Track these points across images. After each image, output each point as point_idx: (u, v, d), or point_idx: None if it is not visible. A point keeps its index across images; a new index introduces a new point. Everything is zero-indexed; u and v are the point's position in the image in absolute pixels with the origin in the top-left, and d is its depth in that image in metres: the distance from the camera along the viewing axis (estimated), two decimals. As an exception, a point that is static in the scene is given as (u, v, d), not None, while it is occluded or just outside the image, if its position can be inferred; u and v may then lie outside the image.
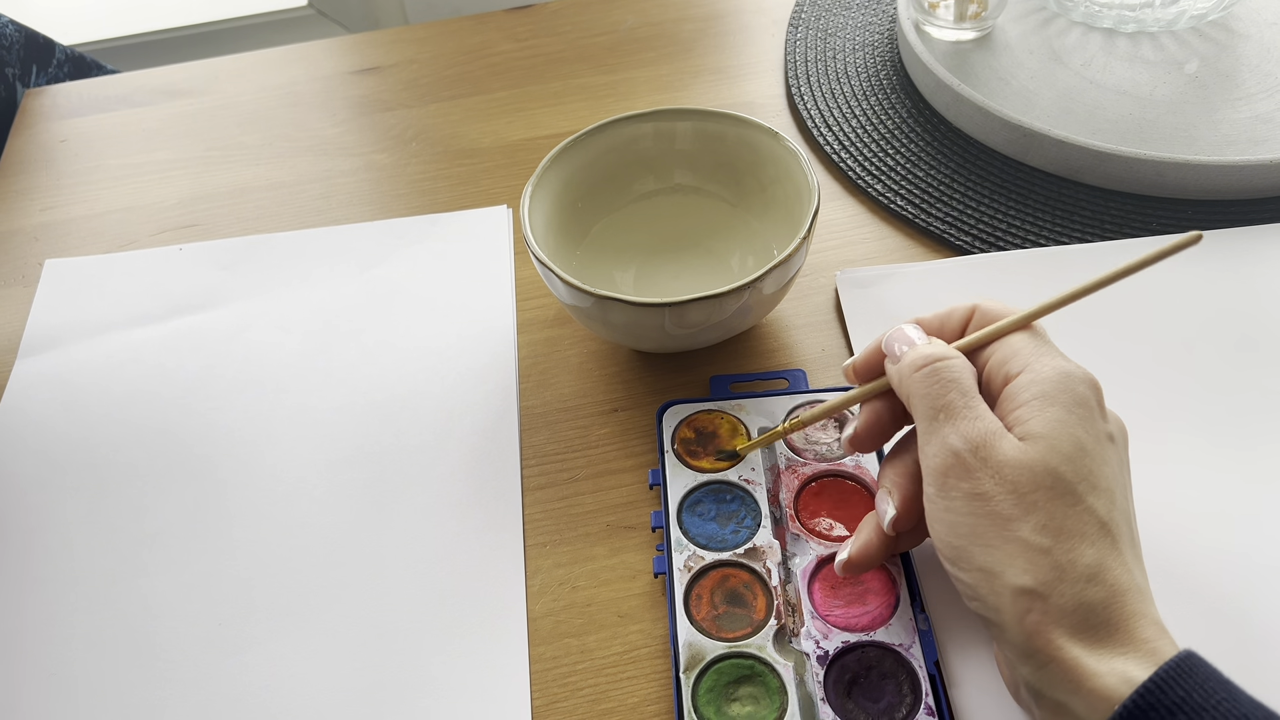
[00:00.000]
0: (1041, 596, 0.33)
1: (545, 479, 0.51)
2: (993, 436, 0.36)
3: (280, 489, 0.52)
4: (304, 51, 0.79)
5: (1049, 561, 0.34)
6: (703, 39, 0.76)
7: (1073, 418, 0.36)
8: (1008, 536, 0.34)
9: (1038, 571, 0.34)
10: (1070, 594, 0.33)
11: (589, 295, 0.48)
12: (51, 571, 0.50)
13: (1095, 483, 0.35)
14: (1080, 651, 0.33)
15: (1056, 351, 0.39)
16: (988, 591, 0.35)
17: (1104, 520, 0.35)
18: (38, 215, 0.69)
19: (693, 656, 0.43)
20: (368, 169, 0.69)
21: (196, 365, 0.58)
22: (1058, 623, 0.33)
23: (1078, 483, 0.35)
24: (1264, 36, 0.67)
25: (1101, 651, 0.33)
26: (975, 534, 0.35)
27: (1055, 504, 0.34)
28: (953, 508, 0.36)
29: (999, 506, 0.35)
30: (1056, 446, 0.35)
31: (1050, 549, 0.34)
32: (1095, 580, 0.34)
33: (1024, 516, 0.34)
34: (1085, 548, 0.34)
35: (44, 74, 0.83)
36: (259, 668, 0.46)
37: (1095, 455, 0.36)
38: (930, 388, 0.38)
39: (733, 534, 0.47)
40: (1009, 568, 0.34)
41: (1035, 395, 0.37)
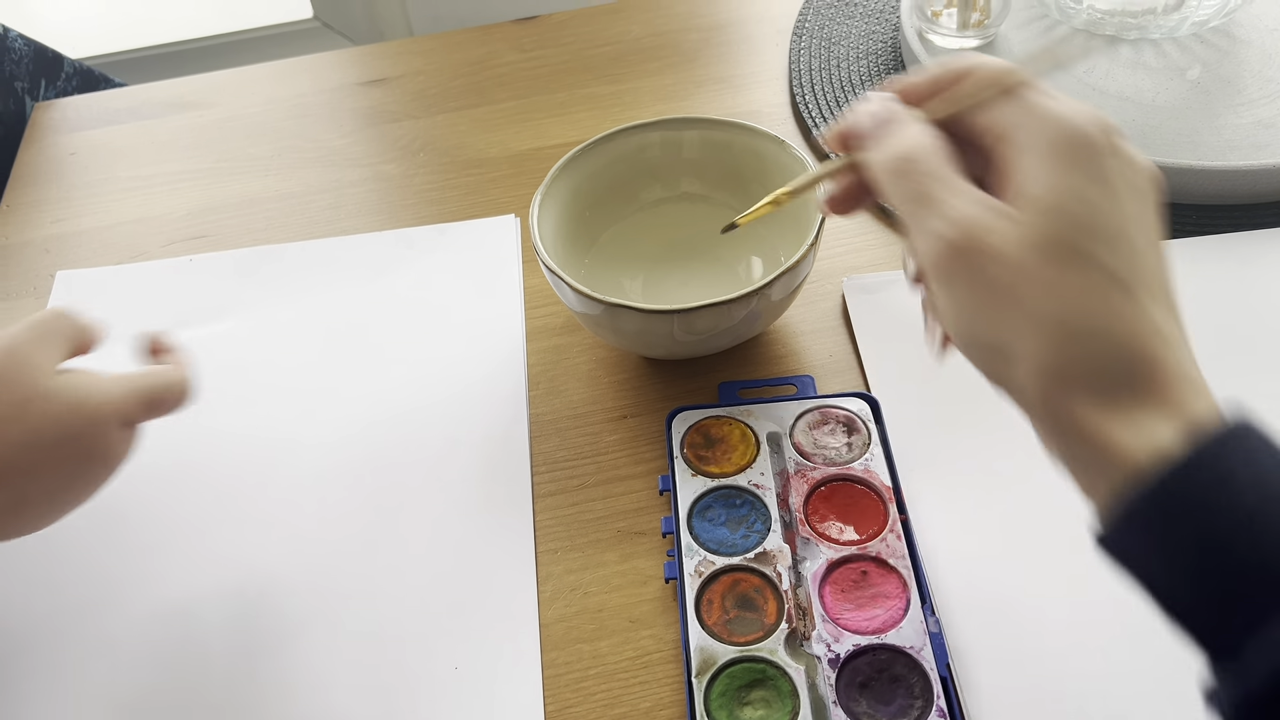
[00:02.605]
0: (1059, 369, 0.31)
1: (556, 485, 0.52)
2: (984, 216, 0.33)
3: (292, 497, 0.53)
4: (311, 63, 0.80)
5: (1062, 332, 0.31)
6: (707, 49, 0.76)
7: (1075, 172, 0.32)
8: (1016, 315, 0.32)
9: (1054, 344, 0.31)
10: (1088, 359, 0.31)
11: (598, 303, 0.49)
12: (64, 579, 0.51)
13: (1105, 236, 0.32)
14: (1109, 420, 0.30)
15: (1052, 95, 0.34)
16: (1006, 373, 0.33)
17: (1116, 273, 0.31)
18: (49, 227, 0.69)
19: (705, 661, 0.43)
20: (376, 179, 0.69)
21: (207, 375, 0.58)
22: (1080, 391, 0.31)
23: (1084, 242, 0.32)
24: (1265, 43, 0.67)
25: (1134, 416, 0.30)
26: (983, 318, 0.33)
27: (1060, 270, 0.31)
28: (956, 296, 0.33)
29: (1002, 287, 0.32)
30: (1056, 208, 0.32)
31: (1061, 319, 0.31)
32: (1111, 337, 0.31)
33: (1029, 292, 0.32)
34: (1098, 306, 0.31)
35: (53, 87, 0.84)
36: (272, 674, 0.46)
37: (1103, 207, 0.32)
38: (904, 184, 0.35)
39: (743, 539, 0.47)
40: (1023, 347, 0.32)
41: (1030, 153, 0.33)
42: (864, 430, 0.51)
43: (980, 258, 0.32)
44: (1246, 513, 0.28)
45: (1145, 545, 0.30)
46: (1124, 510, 0.30)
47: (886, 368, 0.54)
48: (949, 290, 0.33)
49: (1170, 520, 0.29)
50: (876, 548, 0.46)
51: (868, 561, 0.46)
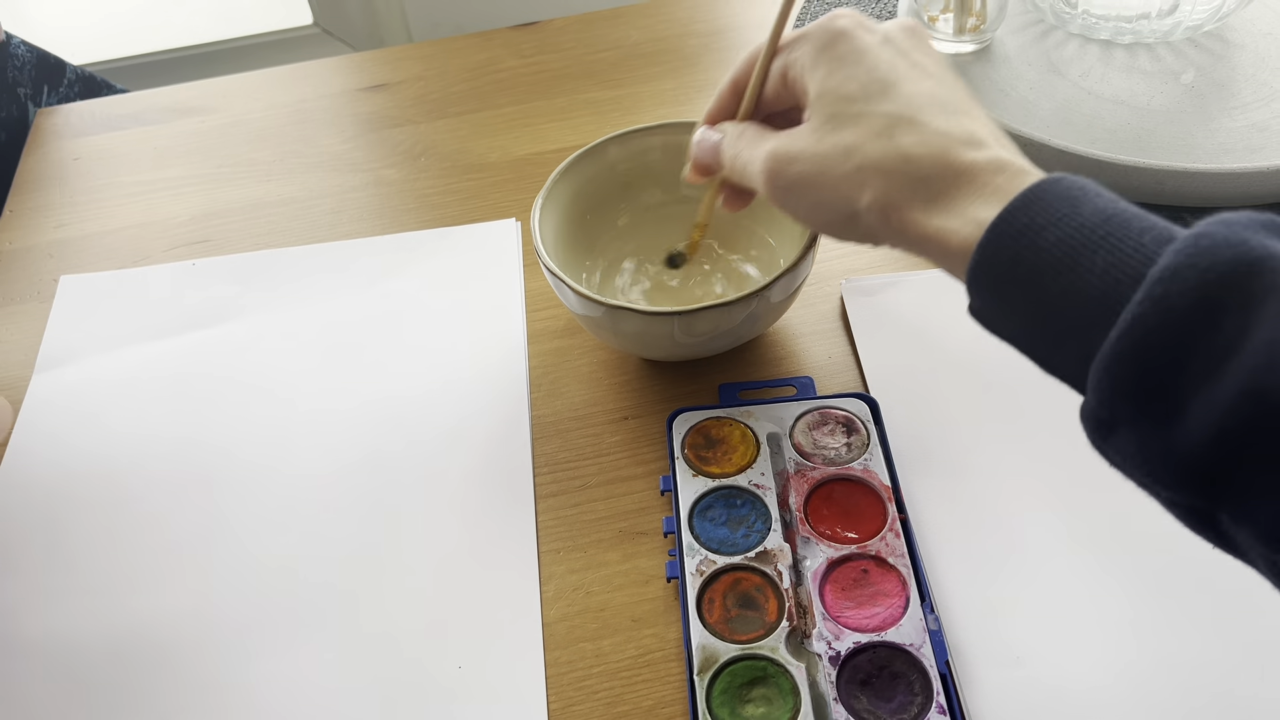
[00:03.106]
0: (886, 199, 0.36)
1: (558, 486, 0.52)
2: (779, 141, 0.40)
3: (295, 499, 0.53)
4: (312, 69, 0.80)
5: (871, 172, 0.36)
6: (707, 53, 0.77)
7: (828, 57, 0.39)
8: (832, 182, 0.38)
9: (871, 185, 0.37)
10: (904, 181, 0.36)
11: (600, 305, 0.49)
12: (70, 581, 0.51)
13: (871, 93, 0.38)
14: (940, 220, 0.35)
15: (808, 27, 0.41)
16: (860, 228, 0.38)
17: (894, 113, 0.37)
18: (52, 232, 0.69)
19: (706, 659, 0.44)
20: (377, 184, 0.70)
21: (211, 378, 0.59)
22: (910, 207, 0.36)
23: (851, 105, 0.38)
24: (1259, 46, 0.68)
25: (956, 209, 0.35)
26: (817, 205, 0.39)
27: (843, 133, 0.37)
28: (798, 205, 0.40)
29: (811, 173, 0.38)
30: (821, 94, 0.39)
31: (863, 164, 0.37)
32: (911, 159, 0.36)
33: (829, 164, 0.38)
34: (887, 142, 0.36)
35: (55, 94, 0.85)
36: (276, 676, 0.47)
37: (859, 72, 0.38)
38: (735, 165, 0.43)
39: (744, 538, 0.48)
40: (854, 200, 0.37)
41: (803, 71, 0.40)
42: (863, 430, 0.51)
43: (787, 166, 0.39)
44: (1051, 254, 0.31)
45: (994, 310, 0.34)
46: (969, 283, 0.34)
47: (885, 369, 0.54)
48: (789, 205, 0.40)
49: (1000, 281, 0.33)
50: (876, 546, 0.47)
51: (867, 560, 0.46)
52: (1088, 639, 0.44)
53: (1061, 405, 0.52)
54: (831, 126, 0.38)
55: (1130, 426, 0.30)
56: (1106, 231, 0.31)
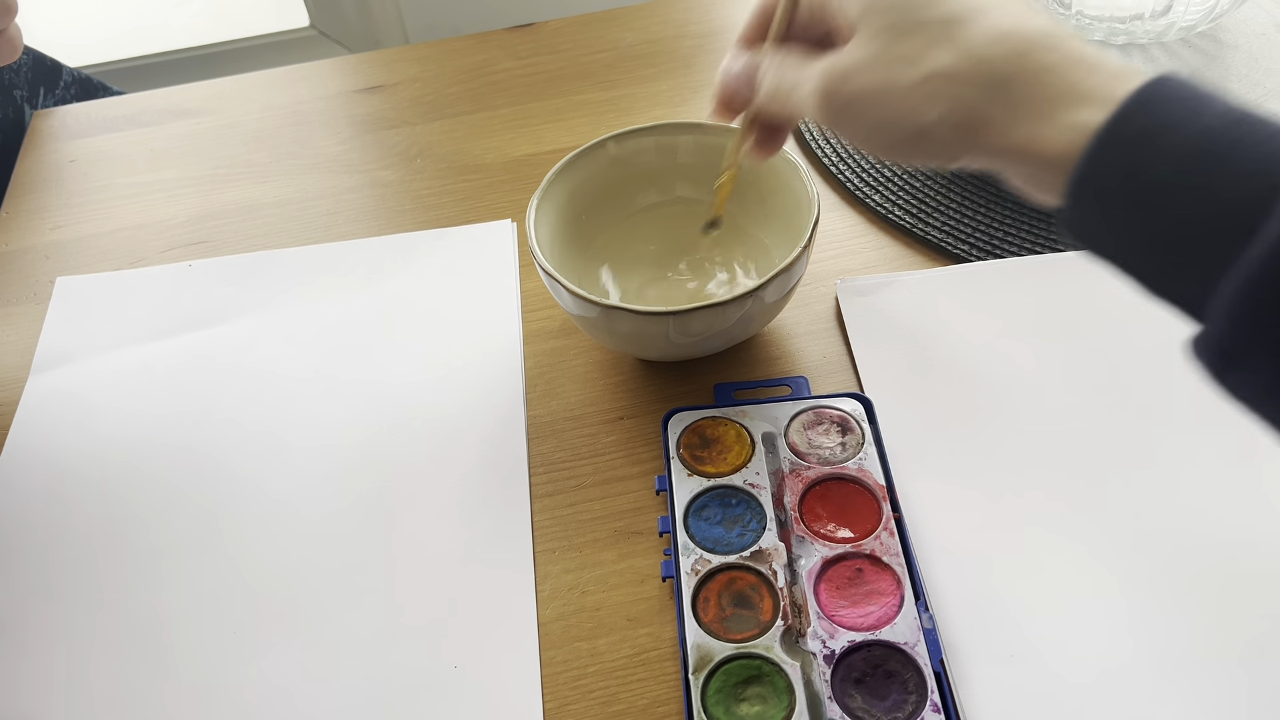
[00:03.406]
0: (962, 112, 0.33)
1: (553, 486, 0.52)
2: (829, 60, 0.37)
3: (291, 500, 0.53)
4: (308, 71, 0.80)
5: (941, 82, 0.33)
6: (701, 55, 0.77)
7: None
8: (898, 97, 0.35)
9: (943, 96, 0.34)
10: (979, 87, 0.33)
11: (595, 305, 0.49)
12: (66, 583, 0.51)
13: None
14: (1028, 128, 0.32)
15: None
16: (937, 149, 0.35)
17: (956, 15, 0.34)
18: (48, 234, 0.70)
19: (701, 658, 0.44)
20: (373, 185, 0.70)
21: (207, 379, 0.59)
22: (991, 117, 0.33)
23: (911, 12, 0.34)
24: (1252, 47, 0.68)
25: (1047, 114, 0.32)
26: (882, 124, 0.36)
27: (908, 40, 0.34)
28: (856, 125, 0.36)
29: (872, 89, 0.35)
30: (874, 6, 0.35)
31: (933, 73, 0.34)
32: (988, 59, 0.33)
33: (893, 77, 0.34)
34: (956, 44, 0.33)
35: (52, 95, 0.85)
36: (272, 676, 0.47)
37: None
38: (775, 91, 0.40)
39: (739, 537, 0.48)
40: (925, 115, 0.34)
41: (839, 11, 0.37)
42: (858, 430, 0.51)
43: (843, 83, 0.36)
44: (1173, 163, 0.28)
45: (1096, 223, 0.31)
46: (1071, 195, 0.31)
47: (879, 368, 0.55)
48: (848, 127, 0.37)
49: (1109, 192, 0.30)
50: (870, 545, 0.47)
51: (862, 559, 0.46)
52: (1082, 637, 0.44)
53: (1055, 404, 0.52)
54: (890, 36, 0.34)
55: (1264, 358, 0.27)
56: (1237, 136, 0.28)
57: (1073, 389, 0.52)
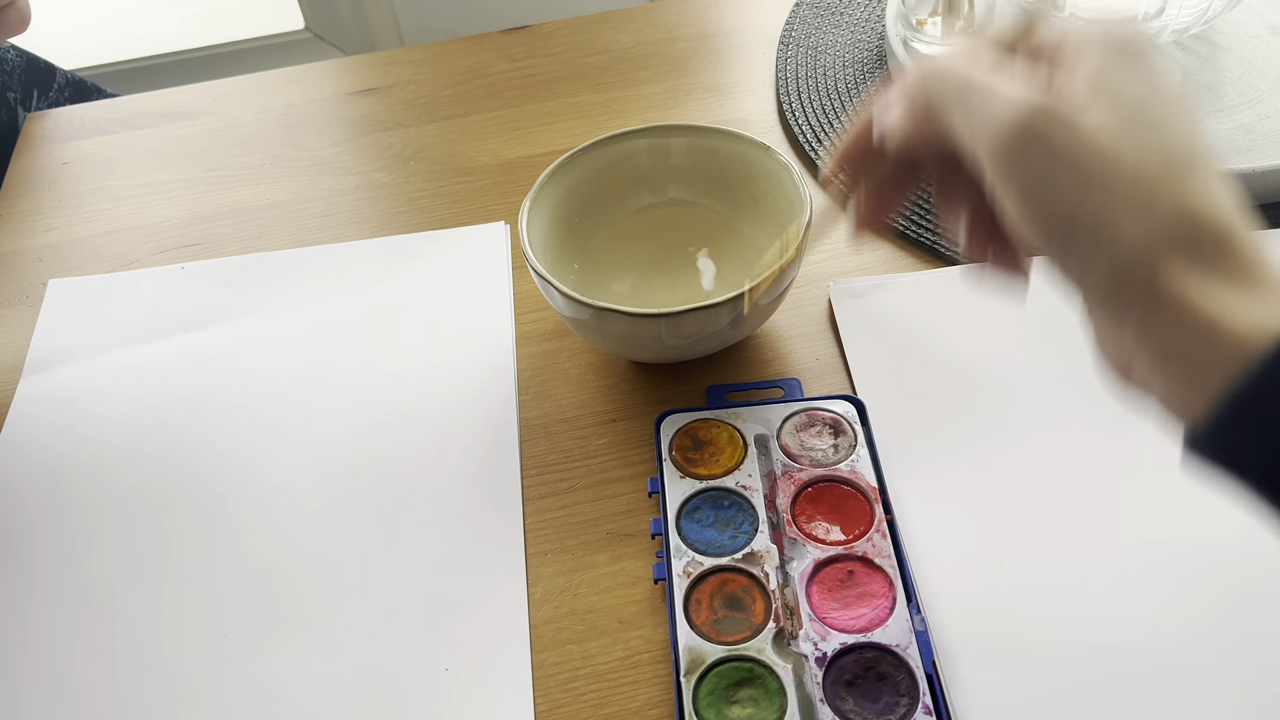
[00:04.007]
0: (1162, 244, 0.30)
1: (545, 488, 0.52)
2: (1048, 99, 0.31)
3: (283, 502, 0.53)
4: (302, 73, 0.80)
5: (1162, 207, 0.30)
6: (695, 57, 0.77)
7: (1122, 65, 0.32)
8: (1109, 189, 0.30)
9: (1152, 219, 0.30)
10: (1190, 235, 0.30)
11: (587, 307, 0.49)
12: (57, 586, 0.51)
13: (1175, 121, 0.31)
14: (1215, 297, 0.29)
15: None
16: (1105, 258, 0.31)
17: (1182, 153, 0.31)
18: (41, 236, 0.69)
19: (693, 660, 0.44)
20: (367, 188, 0.70)
21: (199, 382, 0.59)
22: (1187, 267, 0.30)
23: (1159, 123, 0.31)
24: (1244, 49, 0.68)
25: (1235, 293, 0.29)
26: (1069, 201, 0.31)
27: (1146, 146, 0.31)
28: (1036, 181, 0.31)
29: (1087, 162, 0.30)
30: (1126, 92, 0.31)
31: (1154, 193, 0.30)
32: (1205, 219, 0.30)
33: (1118, 166, 0.30)
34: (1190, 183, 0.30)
35: (45, 98, 0.85)
36: (263, 679, 0.47)
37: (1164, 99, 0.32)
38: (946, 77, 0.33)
39: (731, 539, 0.48)
40: (1125, 224, 0.30)
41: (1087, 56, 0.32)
42: (850, 432, 0.51)
43: (1056, 130, 0.31)
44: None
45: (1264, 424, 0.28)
46: (1237, 392, 0.28)
47: (872, 371, 0.55)
48: (1022, 173, 0.31)
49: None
50: (863, 547, 0.47)
51: (854, 561, 0.46)
52: (1074, 638, 0.44)
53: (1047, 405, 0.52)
54: (1129, 130, 0.30)
55: None
56: None
57: (1065, 391, 0.52)
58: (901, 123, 0.35)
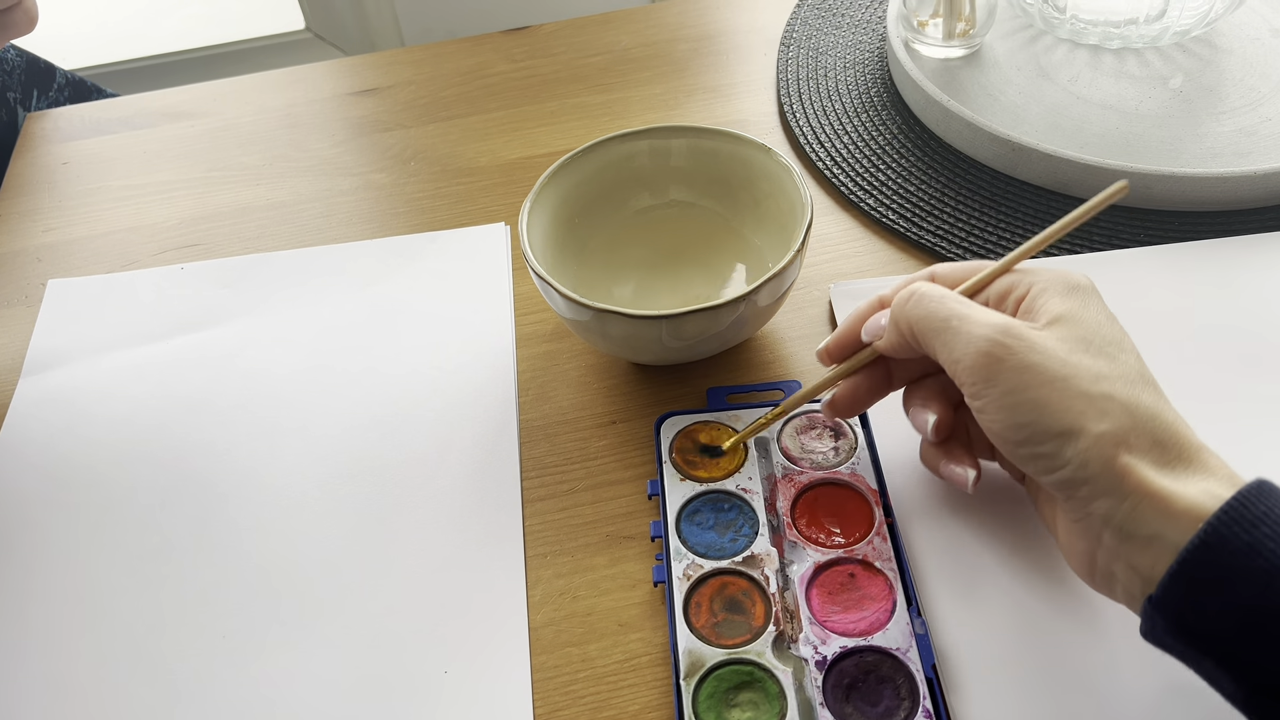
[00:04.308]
0: (1122, 438, 0.35)
1: (545, 490, 0.52)
2: (1016, 323, 0.38)
3: (282, 503, 0.53)
4: (303, 73, 0.80)
5: (1118, 406, 0.36)
6: (696, 58, 0.77)
7: (1084, 299, 0.39)
8: (1072, 393, 0.36)
9: (1113, 417, 0.36)
10: (1145, 431, 0.36)
11: (588, 309, 0.49)
12: (56, 587, 0.51)
13: (1122, 346, 0.38)
14: (1167, 481, 0.35)
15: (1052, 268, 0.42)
16: (1072, 452, 0.36)
17: (1141, 373, 0.37)
18: (40, 236, 0.69)
19: (693, 663, 0.43)
20: (367, 188, 0.70)
21: (199, 382, 0.59)
22: (1141, 458, 0.35)
23: (1108, 345, 0.38)
24: (1246, 51, 0.68)
25: (1184, 478, 0.35)
26: (1039, 405, 0.36)
27: (1099, 360, 0.37)
28: (1009, 390, 0.37)
29: (1052, 372, 0.36)
30: (1076, 320, 0.38)
31: (1112, 395, 0.36)
32: (1158, 419, 0.36)
33: (1077, 375, 0.36)
34: (1139, 392, 0.36)
35: (45, 98, 0.84)
36: (263, 681, 0.47)
37: (1111, 326, 0.39)
38: (928, 306, 0.40)
39: (731, 542, 0.47)
40: (1087, 421, 0.36)
41: (1045, 294, 0.39)
42: (850, 435, 0.51)
43: (1024, 349, 0.37)
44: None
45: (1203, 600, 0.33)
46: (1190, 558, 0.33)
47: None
48: (997, 388, 0.37)
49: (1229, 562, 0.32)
50: (863, 550, 0.46)
51: (854, 564, 0.46)
52: (1076, 641, 0.44)
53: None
54: (1083, 347, 0.37)
55: None
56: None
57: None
58: (889, 339, 0.43)
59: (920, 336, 0.41)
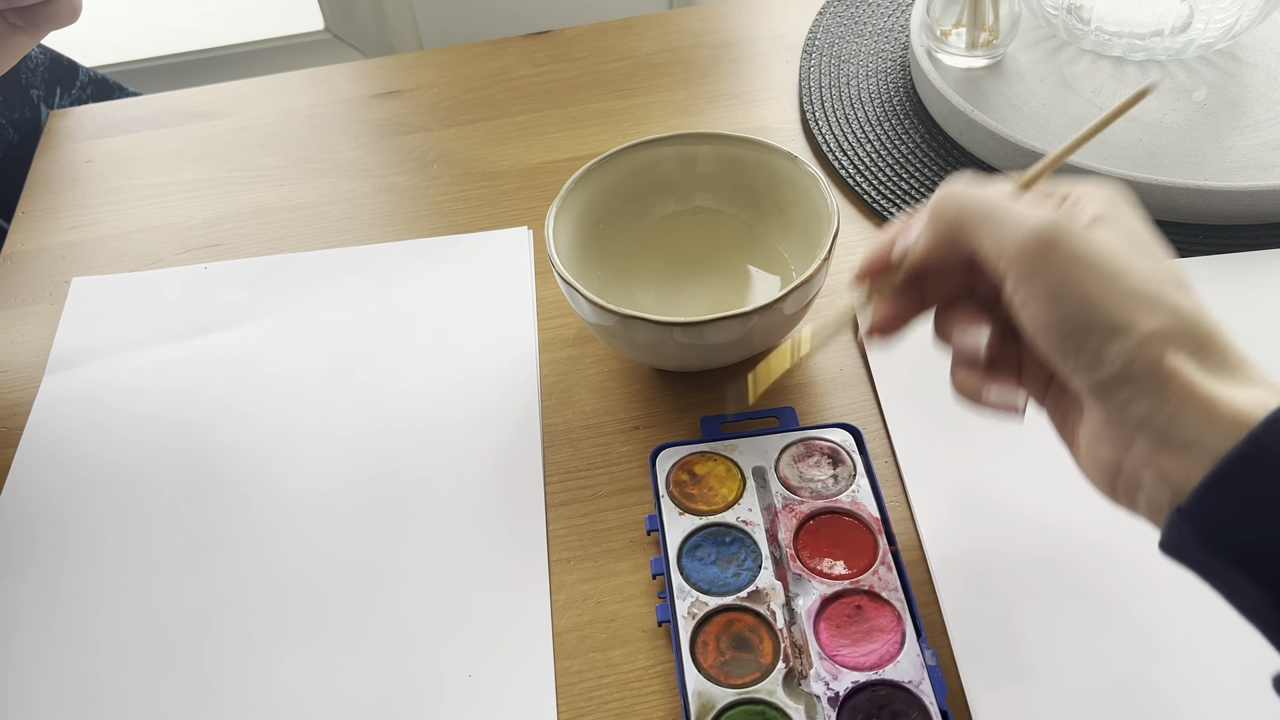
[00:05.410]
0: (1171, 337, 0.34)
1: (568, 495, 0.52)
2: (1065, 216, 0.36)
3: (305, 504, 0.53)
4: (325, 75, 0.80)
5: (1166, 307, 0.34)
6: (718, 65, 0.77)
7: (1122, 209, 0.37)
8: (1123, 289, 0.34)
9: (1159, 315, 0.34)
10: (1190, 334, 0.34)
11: (613, 314, 0.49)
12: (80, 585, 0.51)
13: (1159, 252, 0.37)
14: (1213, 384, 0.33)
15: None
16: (1118, 350, 0.34)
17: (1181, 278, 0.36)
18: (64, 234, 0.70)
19: (704, 705, 0.43)
20: (389, 190, 0.70)
21: (222, 382, 0.59)
22: (1188, 360, 0.34)
23: (1150, 249, 0.36)
24: (1270, 65, 0.68)
25: (1230, 384, 0.33)
26: (1089, 299, 0.35)
27: (1147, 260, 0.35)
28: (1059, 280, 0.35)
29: (1104, 265, 0.35)
30: (1124, 220, 0.37)
31: (1159, 296, 0.34)
32: (1203, 324, 0.34)
33: (1130, 271, 0.35)
34: (1183, 296, 0.35)
35: (68, 96, 0.85)
36: (285, 681, 0.47)
37: (1149, 233, 0.37)
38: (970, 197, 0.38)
39: (734, 577, 0.47)
40: (1137, 318, 0.34)
41: (1085, 197, 0.38)
42: (849, 461, 0.50)
43: (1077, 239, 0.35)
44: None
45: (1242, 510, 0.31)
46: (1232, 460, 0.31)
47: (897, 382, 0.54)
48: (1047, 276, 0.35)
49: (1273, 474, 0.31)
50: (869, 581, 0.46)
51: (861, 595, 0.46)
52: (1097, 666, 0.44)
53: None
54: (1130, 245, 0.35)
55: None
56: None
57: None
58: (927, 237, 0.40)
59: (964, 226, 0.38)
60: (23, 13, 0.51)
